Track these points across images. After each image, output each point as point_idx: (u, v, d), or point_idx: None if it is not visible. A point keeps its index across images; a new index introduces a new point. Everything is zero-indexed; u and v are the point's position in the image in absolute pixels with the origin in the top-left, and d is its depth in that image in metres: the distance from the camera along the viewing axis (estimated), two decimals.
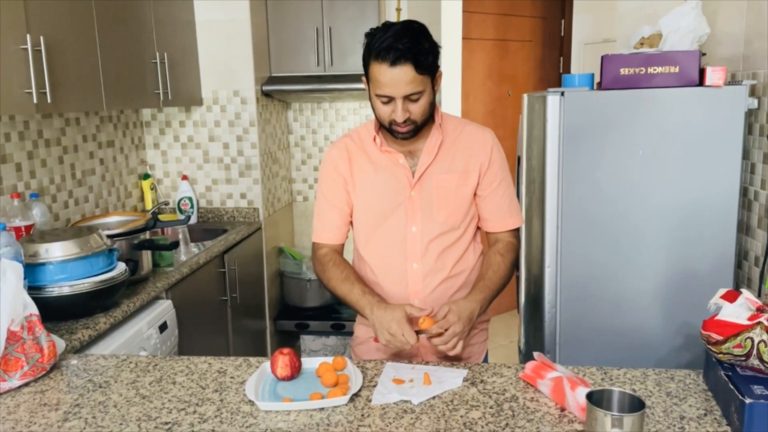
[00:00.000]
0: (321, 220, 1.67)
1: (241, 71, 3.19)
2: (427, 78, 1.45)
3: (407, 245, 1.59)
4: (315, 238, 1.69)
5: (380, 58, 1.42)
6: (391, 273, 1.61)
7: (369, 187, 1.60)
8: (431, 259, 1.59)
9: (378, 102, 1.48)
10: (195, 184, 3.34)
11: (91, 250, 1.86)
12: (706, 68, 1.70)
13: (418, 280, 1.60)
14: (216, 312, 2.78)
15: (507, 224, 1.63)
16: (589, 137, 1.78)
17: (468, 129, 1.62)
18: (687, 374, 1.40)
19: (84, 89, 2.20)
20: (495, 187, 1.60)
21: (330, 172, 1.63)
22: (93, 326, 1.80)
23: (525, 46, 4.26)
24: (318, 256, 1.67)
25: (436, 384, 1.37)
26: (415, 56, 1.40)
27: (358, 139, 1.63)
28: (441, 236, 1.58)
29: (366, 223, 1.62)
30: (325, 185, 1.65)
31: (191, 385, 1.40)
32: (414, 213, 1.58)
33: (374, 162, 1.60)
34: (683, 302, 1.84)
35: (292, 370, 1.39)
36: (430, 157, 1.57)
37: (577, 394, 1.23)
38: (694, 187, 1.78)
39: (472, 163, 1.58)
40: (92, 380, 1.43)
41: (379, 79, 1.44)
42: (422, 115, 1.49)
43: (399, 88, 1.42)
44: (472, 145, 1.59)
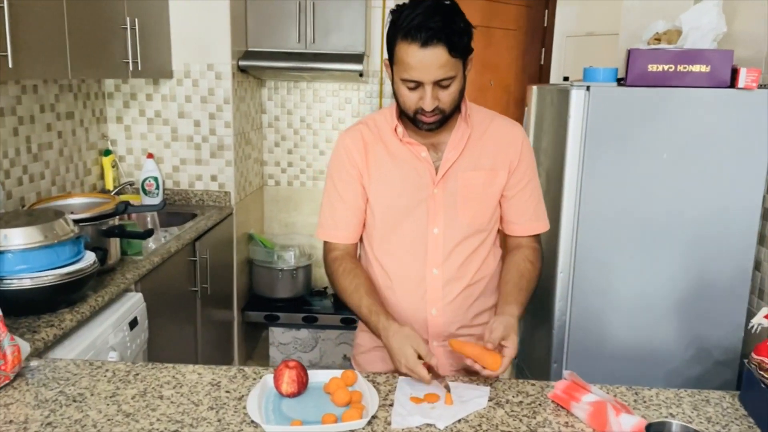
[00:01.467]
0: (333, 217, 1.49)
1: (217, 44, 2.96)
2: (459, 62, 1.30)
3: (428, 248, 1.43)
4: (325, 236, 1.51)
5: (409, 37, 1.26)
6: (407, 279, 1.45)
7: (387, 181, 1.43)
8: (453, 265, 1.44)
9: (403, 88, 1.32)
10: (161, 163, 3.10)
11: (56, 237, 1.64)
12: (739, 69, 1.61)
13: (437, 287, 1.45)
14: (185, 304, 2.58)
15: (533, 228, 1.49)
16: (613, 135, 1.67)
17: (496, 122, 1.47)
18: (722, 397, 1.32)
19: (48, 54, 1.95)
20: (522, 188, 1.46)
21: (343, 163, 1.46)
22: (58, 324, 1.59)
23: (509, 34, 4.14)
24: (329, 260, 1.49)
25: (458, 404, 1.24)
26: (448, 37, 1.25)
27: (374, 127, 1.46)
28: (465, 240, 1.44)
29: (382, 222, 1.45)
30: (337, 177, 1.47)
31: (182, 400, 1.23)
32: (436, 213, 1.42)
33: (393, 154, 1.43)
34: (697, 314, 1.76)
35: (299, 386, 1.24)
36: (456, 152, 1.41)
37: (622, 421, 1.12)
38: (717, 193, 1.70)
39: (501, 161, 1.44)
40: (64, 392, 1.24)
41: (407, 62, 1.28)
42: (452, 103, 1.33)
43: (429, 72, 1.27)
44: (500, 141, 1.44)
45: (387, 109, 1.47)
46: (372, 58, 3.50)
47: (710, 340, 1.74)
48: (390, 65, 1.36)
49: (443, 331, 1.46)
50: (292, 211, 3.75)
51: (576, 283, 1.75)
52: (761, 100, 1.63)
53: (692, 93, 1.64)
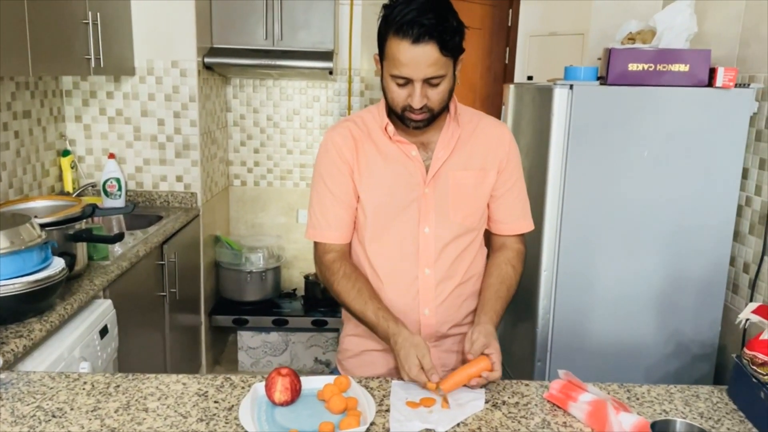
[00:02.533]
0: (325, 216, 1.44)
1: (181, 40, 2.87)
2: (449, 61, 1.28)
3: (419, 248, 1.41)
4: (318, 237, 1.45)
5: (401, 33, 1.23)
6: (399, 279, 1.43)
7: (377, 179, 1.40)
8: (444, 265, 1.42)
9: (392, 84, 1.29)
10: (123, 164, 2.99)
11: (23, 243, 1.55)
12: (717, 69, 1.64)
13: (429, 287, 1.43)
14: (153, 309, 2.49)
15: (520, 227, 1.50)
16: (595, 134, 1.68)
17: (484, 122, 1.46)
18: (711, 392, 1.34)
19: (9, 51, 1.85)
20: (510, 187, 1.46)
21: (334, 160, 1.41)
22: (27, 334, 1.50)
23: (475, 33, 4.15)
24: (325, 263, 1.44)
25: (456, 407, 1.22)
26: (440, 34, 1.23)
27: (362, 125, 1.43)
28: (456, 239, 1.42)
29: (373, 220, 1.42)
30: (328, 175, 1.42)
31: (168, 412, 1.17)
32: (427, 212, 1.40)
33: (383, 152, 1.40)
34: (675, 309, 1.79)
35: (293, 393, 1.20)
36: (447, 152, 1.40)
37: (621, 419, 1.13)
38: (695, 191, 1.73)
39: (490, 161, 1.43)
40: (41, 407, 1.17)
41: (397, 58, 1.25)
42: (441, 102, 1.31)
43: (419, 69, 1.24)
44: (489, 141, 1.44)
45: (374, 107, 1.45)
46: (340, 55, 3.46)
47: (688, 335, 1.77)
48: (380, 61, 1.33)
49: (435, 331, 1.45)
50: (260, 211, 3.67)
51: (559, 281, 1.75)
52: (738, 99, 1.67)
53: (671, 92, 1.67)
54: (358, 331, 1.48)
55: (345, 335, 1.56)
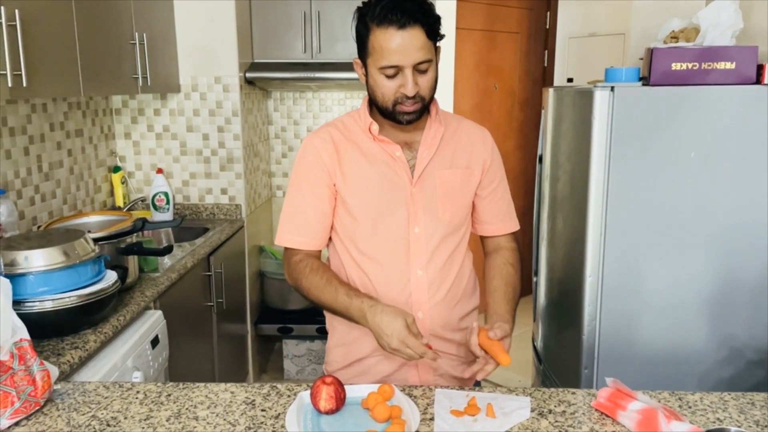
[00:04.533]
0: (294, 221, 1.43)
1: (224, 56, 2.94)
2: (433, 47, 1.30)
3: (410, 249, 1.41)
4: (286, 242, 1.44)
5: (386, 22, 1.25)
6: (392, 282, 1.42)
7: (364, 183, 1.39)
8: (437, 265, 1.42)
9: (381, 78, 1.29)
10: (171, 178, 3.08)
11: (78, 258, 1.61)
12: (765, 65, 1.60)
13: (422, 289, 1.42)
14: (202, 319, 2.55)
15: (507, 227, 1.52)
16: (639, 136, 1.65)
17: (465, 123, 1.49)
18: (765, 399, 1.29)
19: (61, 73, 1.93)
20: (495, 187, 1.49)
21: (311, 166, 1.40)
22: (82, 345, 1.56)
23: (512, 37, 4.13)
24: (292, 264, 1.44)
25: (501, 416, 1.21)
26: (425, 17, 1.26)
27: (343, 128, 1.43)
28: (446, 238, 1.43)
29: (362, 224, 1.40)
30: (304, 180, 1.41)
31: (218, 420, 1.20)
32: (416, 212, 1.40)
33: (366, 154, 1.40)
34: (727, 314, 1.74)
35: (338, 402, 1.21)
36: (431, 151, 1.40)
37: (673, 428, 1.10)
38: (746, 192, 1.67)
39: (475, 160, 1.45)
40: (96, 416, 1.22)
41: (385, 47, 1.26)
42: (430, 90, 1.33)
43: (409, 54, 1.25)
44: (473, 141, 1.46)
45: (354, 112, 1.46)
46: None
47: (742, 340, 1.71)
48: (362, 62, 1.34)
49: (429, 335, 1.44)
50: None
51: (605, 286, 1.72)
52: None
53: (718, 91, 1.62)
54: (345, 340, 1.47)
55: (332, 346, 1.55)
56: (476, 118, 4.17)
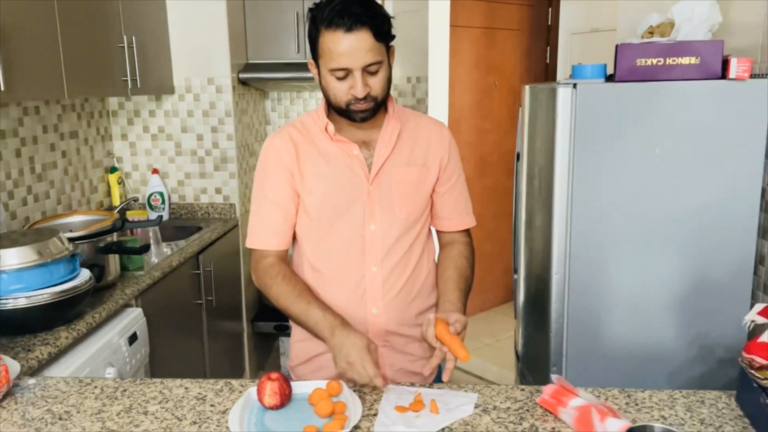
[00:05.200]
0: (262, 223, 1.45)
1: (216, 58, 2.98)
2: (383, 48, 1.31)
3: (365, 246, 1.42)
4: (255, 244, 1.46)
5: (333, 25, 1.26)
6: (346, 279, 1.44)
7: (321, 182, 1.41)
8: (392, 262, 1.44)
9: (332, 80, 1.32)
10: (166, 178, 3.13)
11: (50, 256, 1.66)
12: (729, 59, 1.57)
13: (377, 285, 1.44)
14: (190, 317, 2.59)
15: (464, 223, 1.53)
16: (602, 133, 1.64)
17: (424, 121, 1.50)
18: (718, 397, 1.28)
19: (43, 76, 1.99)
20: (453, 184, 1.49)
21: (273, 167, 1.43)
22: (53, 342, 1.61)
23: (512, 34, 4.11)
24: (262, 267, 1.45)
25: (444, 412, 1.22)
26: (372, 20, 1.27)
27: (302, 129, 1.45)
28: (402, 235, 1.44)
29: (318, 223, 1.43)
30: (267, 182, 1.44)
31: (166, 415, 1.23)
32: (372, 210, 1.42)
33: (325, 154, 1.42)
34: (697, 311, 1.72)
35: (282, 397, 1.23)
36: (388, 149, 1.42)
37: (608, 425, 1.09)
38: (714, 187, 1.65)
39: (432, 158, 1.46)
40: (51, 410, 1.25)
41: (334, 50, 1.28)
42: (382, 90, 1.34)
43: (358, 57, 1.27)
44: (430, 139, 1.47)
45: (314, 111, 1.47)
46: None
47: (712, 338, 1.69)
48: (315, 62, 1.36)
49: (384, 331, 1.46)
50: None
51: (571, 284, 1.71)
52: (754, 90, 1.59)
53: (682, 86, 1.60)
54: (306, 335, 1.49)
55: (294, 341, 1.57)
56: (476, 116, 4.16)
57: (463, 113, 3.93)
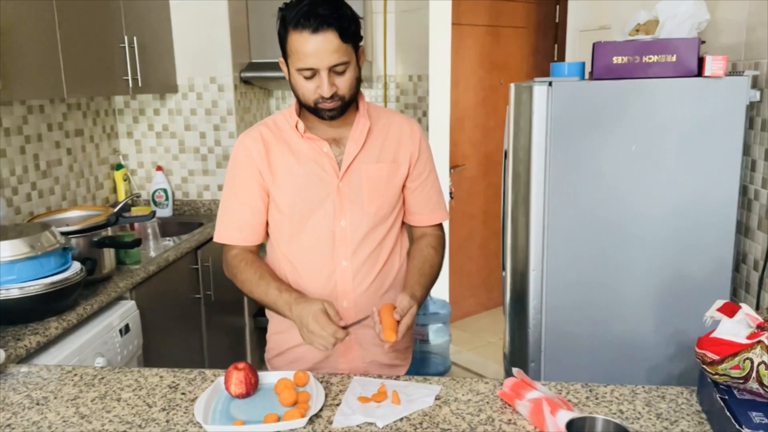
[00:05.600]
0: (230, 218, 1.51)
1: (218, 57, 3.04)
2: (351, 49, 1.34)
3: (336, 241, 1.46)
4: (221, 238, 1.52)
5: (300, 26, 1.30)
6: (318, 273, 1.48)
7: (291, 179, 1.45)
8: (362, 256, 1.47)
9: (300, 79, 1.35)
10: (170, 175, 3.20)
11: (42, 249, 1.72)
12: (705, 57, 1.57)
13: (347, 279, 1.48)
14: (188, 311, 2.65)
15: (435, 218, 1.56)
16: (578, 130, 1.65)
17: (395, 119, 1.53)
18: (679, 392, 1.29)
19: (41, 75, 2.05)
20: (424, 179, 1.52)
21: (242, 165, 1.47)
22: (42, 332, 1.67)
23: (518, 32, 4.11)
24: (228, 258, 1.51)
25: (405, 403, 1.25)
26: (338, 21, 1.30)
27: (274, 127, 1.48)
28: (372, 230, 1.48)
29: (290, 219, 1.47)
30: (236, 179, 1.49)
31: (137, 402, 1.28)
32: (342, 206, 1.45)
33: (295, 152, 1.46)
34: (677, 309, 1.72)
35: (248, 387, 1.27)
36: (358, 146, 1.45)
37: (558, 418, 1.11)
38: (691, 184, 1.65)
39: (402, 154, 1.49)
40: (30, 396, 1.31)
41: (300, 51, 1.31)
42: (350, 89, 1.37)
43: (323, 57, 1.30)
44: (400, 135, 1.50)
45: (286, 110, 1.50)
46: (376, 63, 3.53)
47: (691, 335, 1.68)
48: (285, 61, 1.40)
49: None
50: None
51: (548, 281, 1.73)
52: (730, 88, 1.58)
53: (658, 84, 1.60)
54: (281, 328, 1.53)
55: (270, 334, 1.62)
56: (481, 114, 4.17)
57: (467, 111, 3.94)
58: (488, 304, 4.29)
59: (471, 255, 4.16)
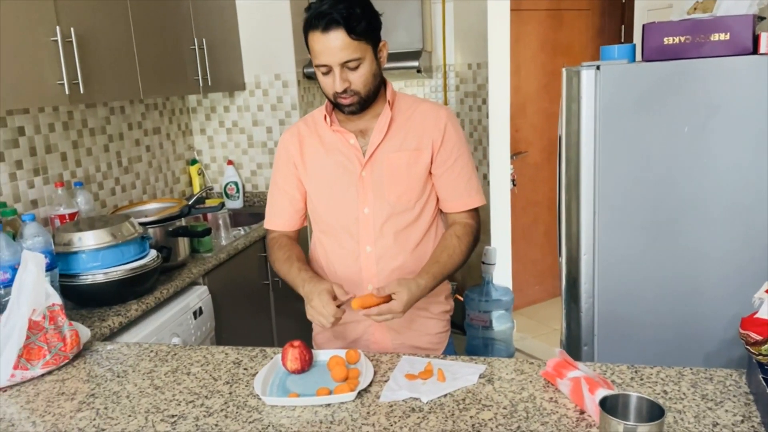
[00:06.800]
0: (272, 206, 1.68)
1: (282, 54, 3.17)
2: (364, 45, 1.41)
3: (359, 228, 1.54)
4: (267, 225, 1.70)
5: (312, 26, 1.40)
6: (344, 257, 1.59)
7: (320, 170, 1.57)
8: (385, 242, 1.54)
9: (320, 75, 1.46)
10: (240, 169, 3.37)
11: (123, 238, 1.89)
12: (761, 34, 1.52)
13: (371, 263, 1.56)
14: (258, 297, 2.80)
15: (464, 204, 1.57)
16: (628, 114, 1.63)
17: (422, 107, 1.56)
18: (728, 374, 1.28)
19: (119, 78, 2.22)
20: (450, 165, 1.54)
21: (281, 158, 1.62)
22: (124, 313, 1.83)
23: (582, 15, 4.03)
24: (268, 241, 1.69)
25: (450, 380, 1.30)
26: (346, 20, 1.37)
27: (312, 122, 1.60)
28: (394, 217, 1.53)
29: (319, 206, 1.60)
30: (277, 171, 1.65)
31: (204, 376, 1.39)
32: (365, 194, 1.53)
33: (325, 144, 1.56)
34: (733, 293, 1.68)
35: (302, 363, 1.36)
36: (380, 136, 1.52)
37: (596, 396, 1.14)
38: (746, 166, 1.61)
39: (425, 141, 1.53)
40: (112, 369, 1.45)
41: (314, 49, 1.42)
42: (364, 85, 1.43)
43: (334, 54, 1.39)
44: (425, 123, 1.53)
45: (323, 106, 1.59)
46: (435, 52, 3.57)
47: None
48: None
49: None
50: None
51: (600, 265, 1.72)
52: None
53: (710, 63, 1.56)
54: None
55: None
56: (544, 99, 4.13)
57: (529, 97, 3.91)
58: (554, 292, 4.25)
59: (536, 242, 4.13)
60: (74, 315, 1.80)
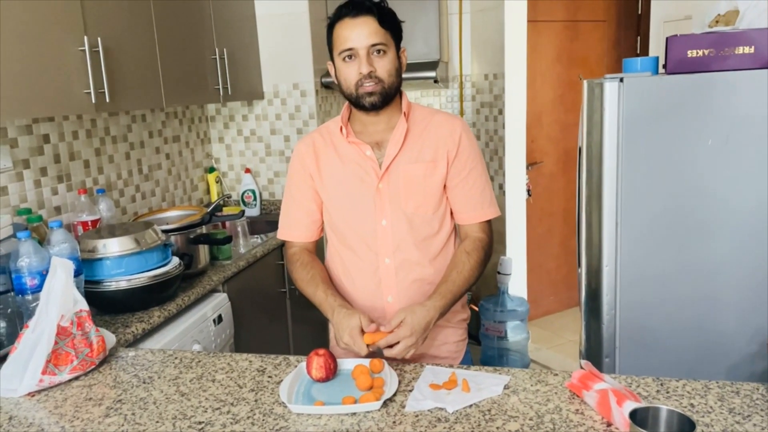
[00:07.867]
0: (287, 218, 1.66)
1: (301, 64, 3.19)
2: (389, 37, 1.45)
3: (378, 240, 1.54)
4: (282, 235, 1.68)
5: (342, 15, 1.45)
6: (364, 269, 1.57)
7: (336, 181, 1.56)
8: (404, 254, 1.54)
9: (342, 64, 1.47)
10: (258, 177, 3.39)
11: (146, 245, 1.91)
12: None
13: (390, 275, 1.55)
14: (275, 304, 2.81)
15: (477, 216, 1.57)
16: (651, 127, 1.64)
17: (437, 118, 1.57)
18: (755, 388, 1.28)
19: (143, 87, 2.25)
20: (464, 177, 1.54)
21: (296, 169, 1.61)
22: (147, 320, 1.84)
23: (598, 26, 4.03)
24: (288, 256, 1.67)
25: (474, 391, 1.31)
26: (377, 8, 1.43)
27: (326, 133, 1.60)
28: (413, 229, 1.53)
29: (337, 218, 1.59)
30: (291, 182, 1.63)
31: (229, 383, 1.40)
32: (383, 206, 1.53)
33: (341, 155, 1.56)
34: (757, 306, 1.67)
35: (327, 371, 1.37)
36: (397, 147, 1.52)
37: (624, 409, 1.14)
38: None
39: (441, 152, 1.53)
40: (138, 375, 1.47)
41: (341, 35, 1.44)
42: (388, 74, 1.45)
43: (362, 37, 1.42)
44: (440, 134, 1.54)
45: (338, 117, 1.60)
46: (452, 63, 3.59)
47: None
48: (332, 61, 1.51)
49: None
50: None
51: (622, 277, 1.72)
52: None
53: (735, 76, 1.57)
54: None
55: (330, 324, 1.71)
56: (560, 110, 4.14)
57: (545, 107, 3.92)
58: (569, 302, 4.25)
59: (551, 253, 4.12)
60: (98, 321, 1.81)
